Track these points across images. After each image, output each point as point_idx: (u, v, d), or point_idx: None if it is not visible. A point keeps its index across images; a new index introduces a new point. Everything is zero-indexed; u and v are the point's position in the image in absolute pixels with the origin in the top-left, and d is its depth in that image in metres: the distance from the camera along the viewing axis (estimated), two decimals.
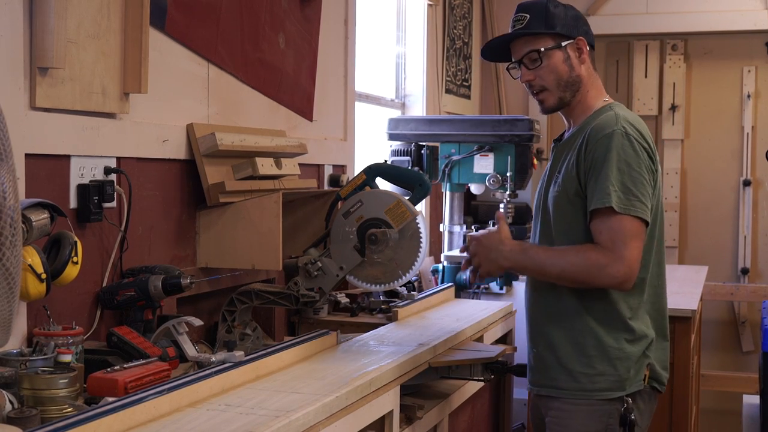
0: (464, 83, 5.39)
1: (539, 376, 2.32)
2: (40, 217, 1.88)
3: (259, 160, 2.75)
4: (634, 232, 2.12)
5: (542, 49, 2.26)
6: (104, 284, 2.35)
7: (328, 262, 2.48)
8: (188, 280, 2.32)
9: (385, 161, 4.08)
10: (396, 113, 4.72)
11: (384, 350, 2.42)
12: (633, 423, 2.19)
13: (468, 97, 5.47)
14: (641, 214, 2.12)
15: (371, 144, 4.39)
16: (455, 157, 4.18)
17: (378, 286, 2.51)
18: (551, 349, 2.27)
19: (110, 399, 1.74)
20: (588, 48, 2.31)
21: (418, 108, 4.81)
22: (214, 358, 2.06)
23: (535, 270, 2.25)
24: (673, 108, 5.90)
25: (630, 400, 2.21)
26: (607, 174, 2.13)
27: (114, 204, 2.37)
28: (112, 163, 2.37)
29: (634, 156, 2.15)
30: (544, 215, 2.31)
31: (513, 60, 2.34)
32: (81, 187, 2.26)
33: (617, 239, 2.11)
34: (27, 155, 2.08)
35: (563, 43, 2.27)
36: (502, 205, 4.08)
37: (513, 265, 2.28)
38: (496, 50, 2.40)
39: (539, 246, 2.29)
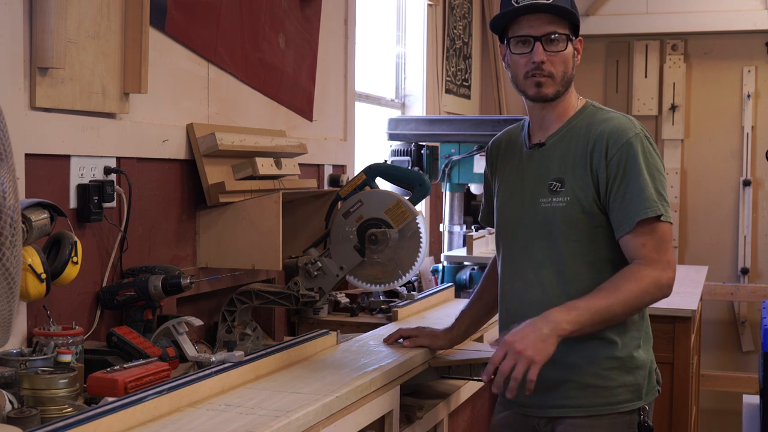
0: (464, 83, 5.39)
1: (540, 397, 2.12)
2: (40, 217, 1.88)
3: (259, 160, 2.75)
4: (671, 236, 2.09)
5: (570, 35, 2.11)
6: (104, 284, 2.35)
7: (328, 262, 2.48)
8: (188, 280, 2.32)
9: (385, 161, 4.08)
10: (396, 113, 4.72)
11: (384, 350, 2.42)
12: (651, 429, 2.13)
13: (468, 97, 5.47)
14: (671, 219, 2.09)
15: (371, 144, 4.39)
16: (455, 157, 4.18)
17: (378, 286, 2.51)
18: (559, 367, 2.08)
19: (110, 399, 1.73)
20: None
21: (418, 108, 4.81)
22: (214, 358, 2.06)
23: (601, 323, 2.01)
24: (673, 108, 5.90)
25: (647, 408, 2.13)
26: (646, 181, 2.04)
27: (114, 204, 2.37)
28: (112, 163, 2.37)
29: (657, 159, 2.10)
30: (539, 229, 2.14)
31: (526, 33, 2.09)
32: (81, 187, 2.26)
33: (662, 248, 2.04)
34: (27, 155, 2.08)
35: (573, 38, 2.14)
36: None
37: (573, 331, 1.97)
38: (501, 19, 2.15)
39: (586, 298, 1.99)
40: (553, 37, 2.09)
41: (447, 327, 2.49)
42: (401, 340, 2.47)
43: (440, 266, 4.10)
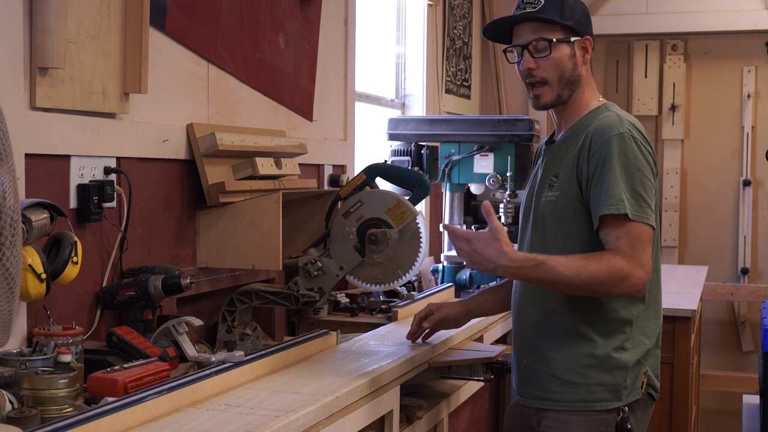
0: (464, 83, 5.39)
1: (530, 388, 2.23)
2: (40, 217, 1.88)
3: (259, 160, 2.75)
4: (648, 238, 2.07)
5: (554, 40, 2.15)
6: (104, 284, 2.35)
7: (328, 262, 2.48)
8: (188, 280, 2.32)
9: (385, 161, 4.08)
10: (396, 113, 4.72)
11: (384, 350, 2.42)
12: (630, 431, 2.14)
13: (468, 97, 5.47)
14: (651, 221, 2.07)
15: (371, 144, 4.39)
16: (455, 157, 4.18)
17: (378, 286, 2.51)
18: (543, 360, 2.19)
19: (110, 399, 1.74)
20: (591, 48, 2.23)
21: (418, 108, 4.81)
22: (214, 358, 2.06)
23: (552, 283, 2.07)
24: (673, 108, 5.90)
25: (627, 409, 2.14)
26: (617, 178, 2.05)
27: (114, 204, 2.37)
28: (112, 163, 2.37)
29: (642, 159, 2.09)
30: (537, 221, 2.21)
31: (515, 43, 2.20)
32: (81, 187, 2.26)
33: (637, 246, 2.04)
34: (27, 155, 2.07)
35: (572, 39, 2.17)
36: (501, 206, 4.08)
37: (524, 279, 2.11)
38: (498, 29, 2.26)
39: (550, 257, 2.06)
40: (538, 44, 2.16)
41: (462, 299, 2.51)
42: (419, 341, 2.49)
43: (440, 266, 4.10)
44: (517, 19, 2.19)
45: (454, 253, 4.17)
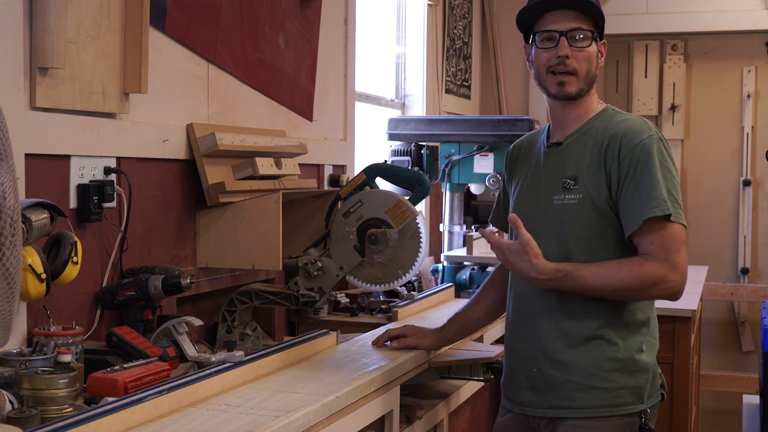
0: (464, 83, 5.39)
1: (542, 397, 2.17)
2: (40, 217, 1.88)
3: (259, 160, 2.75)
4: (683, 239, 2.06)
5: (595, 32, 2.14)
6: (104, 284, 2.35)
7: (328, 262, 2.48)
8: (188, 280, 2.32)
9: (385, 161, 4.08)
10: (396, 113, 4.72)
11: (384, 350, 2.42)
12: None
13: (468, 97, 5.47)
14: (684, 221, 2.07)
15: (371, 144, 4.39)
16: (455, 157, 4.18)
17: (378, 286, 2.51)
18: (561, 367, 2.14)
19: (110, 399, 1.74)
20: None
21: (418, 108, 4.81)
22: (214, 358, 2.06)
23: (583, 290, 2.09)
24: (673, 108, 5.90)
25: (649, 411, 2.13)
26: (657, 180, 2.04)
27: (114, 204, 2.37)
28: (112, 163, 2.37)
29: (671, 162, 2.10)
30: (549, 225, 2.15)
31: (552, 28, 2.13)
32: (81, 187, 2.26)
33: (671, 248, 2.03)
34: (27, 155, 2.07)
35: (598, 38, 2.17)
36: None
37: (553, 288, 2.10)
38: (530, 13, 2.17)
39: (579, 266, 2.07)
40: (578, 34, 2.13)
41: (437, 326, 2.49)
42: (389, 343, 2.46)
43: (440, 266, 4.10)
44: (571, 2, 2.13)
45: (454, 253, 4.17)
